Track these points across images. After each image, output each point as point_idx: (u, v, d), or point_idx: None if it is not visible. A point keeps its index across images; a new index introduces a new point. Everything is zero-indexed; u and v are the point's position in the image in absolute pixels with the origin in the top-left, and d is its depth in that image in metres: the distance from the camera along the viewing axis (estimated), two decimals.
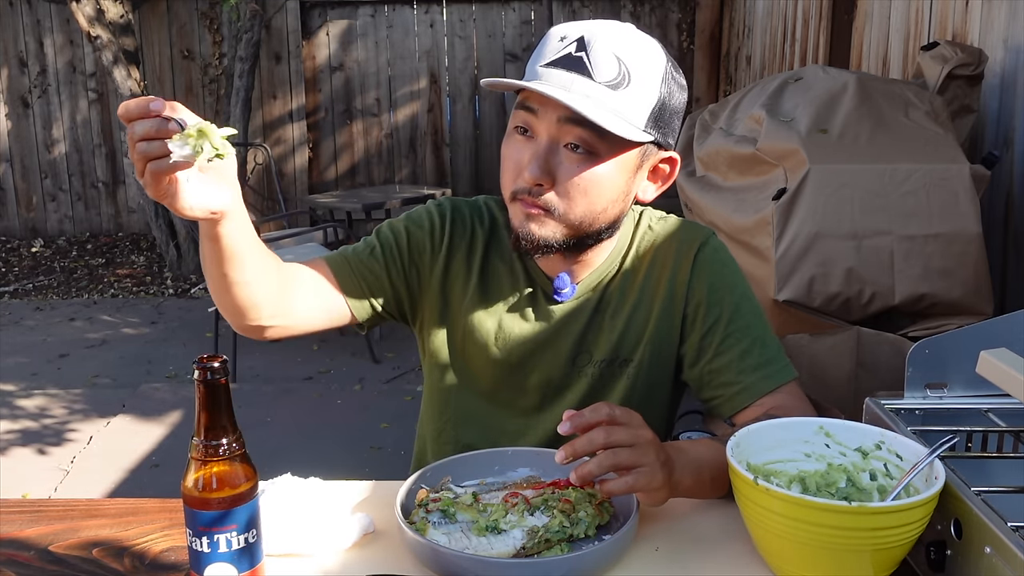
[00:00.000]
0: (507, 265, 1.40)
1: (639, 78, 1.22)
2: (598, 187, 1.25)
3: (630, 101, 1.22)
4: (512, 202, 1.29)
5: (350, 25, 7.23)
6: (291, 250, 5.10)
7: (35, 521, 1.23)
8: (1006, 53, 2.60)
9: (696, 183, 2.70)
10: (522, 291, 1.39)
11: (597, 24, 1.24)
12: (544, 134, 1.24)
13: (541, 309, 1.39)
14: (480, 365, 1.41)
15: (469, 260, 1.40)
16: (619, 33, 1.23)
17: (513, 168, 1.27)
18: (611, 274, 1.39)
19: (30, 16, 7.14)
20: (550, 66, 1.22)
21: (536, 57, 1.25)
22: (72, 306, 5.97)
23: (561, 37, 1.23)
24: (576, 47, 1.21)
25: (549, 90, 1.19)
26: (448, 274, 1.40)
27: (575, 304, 1.38)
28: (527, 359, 1.40)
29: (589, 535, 1.10)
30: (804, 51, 4.93)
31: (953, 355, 1.21)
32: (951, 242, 2.07)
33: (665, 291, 1.37)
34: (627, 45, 1.22)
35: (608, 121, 1.19)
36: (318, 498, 1.18)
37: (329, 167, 7.42)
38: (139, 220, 7.29)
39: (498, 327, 1.39)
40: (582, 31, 1.23)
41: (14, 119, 7.29)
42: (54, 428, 4.00)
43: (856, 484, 1.09)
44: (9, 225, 7.44)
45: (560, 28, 1.26)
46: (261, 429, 3.82)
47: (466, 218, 1.42)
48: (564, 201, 1.25)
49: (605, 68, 1.20)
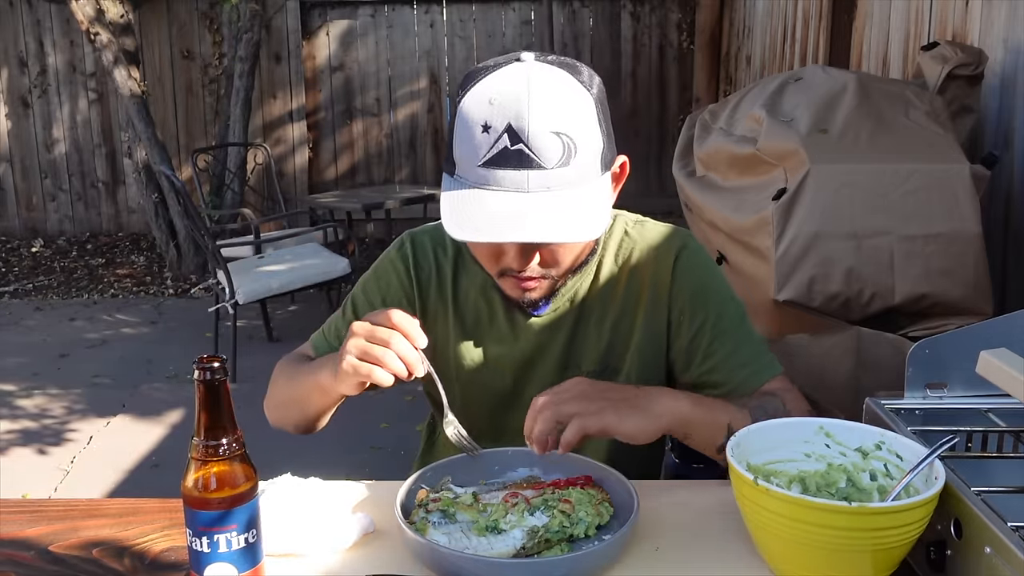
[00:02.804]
0: (479, 288, 1.40)
1: (580, 137, 1.16)
2: (575, 244, 1.28)
3: (583, 163, 1.16)
4: (500, 278, 1.29)
5: (350, 25, 7.23)
6: (291, 250, 5.11)
7: (35, 521, 1.23)
8: (1006, 53, 2.60)
9: (696, 183, 2.70)
10: (499, 312, 1.39)
11: (514, 102, 1.13)
12: None
13: (520, 326, 1.39)
14: (476, 393, 1.42)
15: (441, 295, 1.41)
16: (542, 103, 1.13)
17: (488, 255, 1.26)
18: (587, 283, 1.38)
19: (30, 16, 7.14)
20: (490, 166, 1.14)
21: (464, 150, 1.16)
22: (72, 306, 5.97)
23: (484, 127, 1.14)
24: (509, 139, 1.13)
25: (532, 236, 1.14)
26: (427, 317, 1.40)
27: (554, 316, 1.38)
28: (519, 377, 1.40)
29: (589, 535, 1.10)
30: (804, 51, 4.93)
31: (953, 355, 1.21)
32: (951, 242, 2.07)
33: (648, 299, 1.37)
34: (558, 114, 1.14)
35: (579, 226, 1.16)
36: (318, 498, 1.18)
37: (329, 167, 7.42)
38: (139, 220, 7.29)
39: (484, 353, 1.40)
40: (505, 118, 1.13)
41: (14, 119, 7.29)
42: (54, 428, 4.00)
43: (856, 484, 1.09)
44: (9, 225, 7.44)
45: (473, 111, 1.15)
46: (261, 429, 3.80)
47: (428, 253, 1.41)
48: (555, 268, 1.27)
49: (549, 151, 1.13)
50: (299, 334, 5.51)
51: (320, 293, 5.44)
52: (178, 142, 7.24)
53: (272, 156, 6.65)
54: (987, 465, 1.14)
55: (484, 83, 1.17)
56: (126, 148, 6.52)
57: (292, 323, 5.40)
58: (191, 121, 7.31)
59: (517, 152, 1.13)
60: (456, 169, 1.19)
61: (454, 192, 1.18)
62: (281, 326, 5.27)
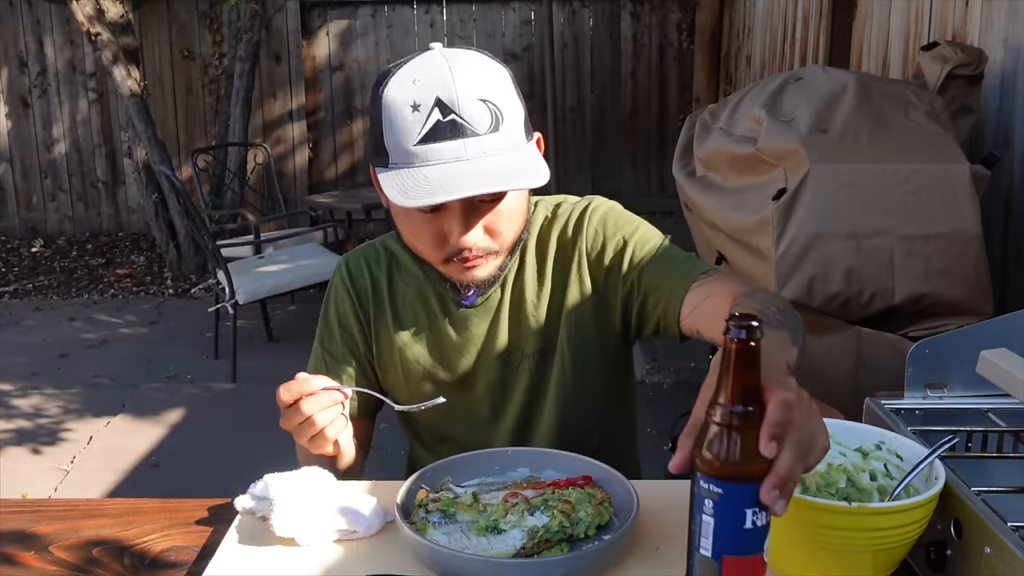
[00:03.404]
0: (414, 290, 1.43)
1: (505, 105, 1.21)
2: (519, 209, 1.30)
3: (511, 130, 1.21)
4: (445, 265, 1.30)
5: (350, 25, 7.23)
6: (291, 250, 5.11)
7: (35, 521, 1.23)
8: (1006, 53, 2.60)
9: (696, 183, 2.70)
10: (434, 308, 1.42)
11: (438, 78, 1.18)
12: (456, 206, 1.23)
13: (456, 317, 1.41)
14: (426, 387, 1.43)
15: (379, 305, 1.44)
16: (464, 73, 1.19)
17: (433, 242, 1.27)
18: (515, 268, 1.39)
19: (30, 16, 7.14)
20: (426, 142, 1.17)
21: (395, 136, 1.19)
22: (72, 306, 5.97)
23: (412, 106, 1.18)
24: (441, 112, 1.17)
25: (483, 187, 1.16)
26: (372, 327, 1.45)
27: (486, 303, 1.39)
28: (468, 371, 1.42)
29: (589, 535, 1.10)
30: (804, 51, 4.93)
31: (953, 355, 1.21)
32: (951, 242, 2.07)
33: (574, 269, 1.39)
34: (481, 83, 1.19)
35: (526, 175, 1.19)
36: (337, 489, 1.19)
37: (329, 167, 7.42)
38: (139, 220, 7.29)
39: (427, 349, 1.42)
40: (432, 93, 1.17)
41: (14, 119, 7.29)
42: (54, 428, 4.00)
43: (856, 484, 1.09)
44: (9, 225, 7.44)
45: (398, 96, 1.19)
46: (261, 429, 3.80)
47: (363, 270, 1.45)
48: (498, 239, 1.28)
49: (480, 119, 1.18)
50: (299, 334, 5.52)
51: (320, 293, 5.42)
52: (178, 142, 7.24)
53: (272, 156, 6.65)
54: (987, 465, 1.14)
55: (403, 71, 1.22)
56: (126, 148, 6.52)
57: (292, 323, 5.40)
58: (191, 121, 7.31)
59: (450, 123, 1.17)
60: (389, 159, 1.21)
61: (393, 172, 1.20)
62: (281, 326, 5.27)
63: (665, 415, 3.40)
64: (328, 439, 1.21)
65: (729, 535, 0.79)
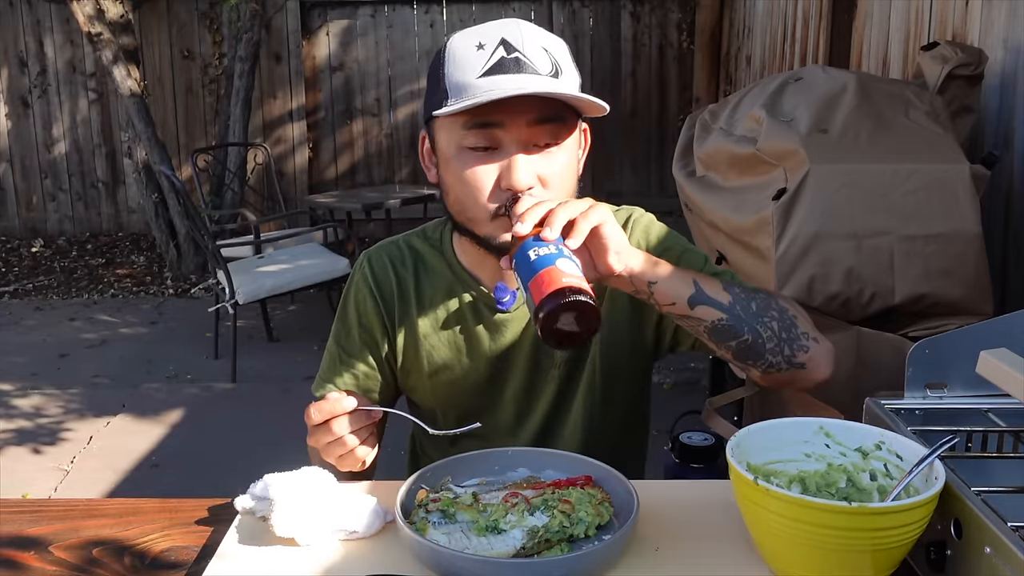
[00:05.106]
0: (443, 291, 1.40)
1: (564, 64, 1.24)
2: (570, 175, 1.28)
3: (570, 84, 1.23)
4: (493, 221, 1.25)
5: (350, 25, 7.23)
6: (291, 250, 5.11)
7: (35, 521, 1.23)
8: (1006, 53, 2.60)
9: (696, 183, 2.70)
10: (464, 310, 1.39)
11: (502, 24, 1.23)
12: (513, 143, 1.21)
13: (490, 323, 1.38)
14: (456, 395, 1.42)
15: (406, 306, 1.41)
16: (529, 27, 1.24)
17: (484, 188, 1.24)
18: None
19: (30, 16, 7.14)
20: (489, 75, 1.18)
21: (458, 72, 1.21)
22: (72, 306, 5.98)
23: (478, 45, 1.21)
24: (505, 50, 1.19)
25: (539, 88, 1.17)
26: (397, 328, 1.41)
27: (521, 310, 1.38)
28: (496, 376, 1.40)
29: (589, 535, 1.10)
30: (804, 51, 4.93)
31: (953, 355, 1.21)
32: (951, 242, 2.07)
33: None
34: (542, 36, 1.24)
35: (588, 99, 1.21)
36: (337, 488, 1.19)
37: (329, 167, 7.42)
38: (139, 220, 7.29)
39: (456, 352, 1.40)
40: (499, 33, 1.21)
41: (14, 119, 7.29)
42: (54, 428, 4.00)
43: (856, 484, 1.09)
44: (9, 225, 7.44)
45: (464, 38, 1.23)
46: (260, 429, 3.81)
47: (388, 269, 1.42)
48: (549, 191, 1.25)
49: (541, 62, 1.20)
50: (299, 334, 5.53)
51: (320, 293, 5.44)
52: (178, 142, 7.24)
53: (272, 156, 6.65)
54: (987, 465, 1.14)
55: (467, 30, 1.25)
56: (126, 148, 6.52)
57: (292, 323, 5.40)
58: (191, 121, 7.31)
59: (514, 60, 1.19)
60: (448, 96, 1.21)
61: (452, 105, 1.19)
62: (281, 326, 5.27)
63: (665, 415, 3.39)
64: (359, 459, 1.22)
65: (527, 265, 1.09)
